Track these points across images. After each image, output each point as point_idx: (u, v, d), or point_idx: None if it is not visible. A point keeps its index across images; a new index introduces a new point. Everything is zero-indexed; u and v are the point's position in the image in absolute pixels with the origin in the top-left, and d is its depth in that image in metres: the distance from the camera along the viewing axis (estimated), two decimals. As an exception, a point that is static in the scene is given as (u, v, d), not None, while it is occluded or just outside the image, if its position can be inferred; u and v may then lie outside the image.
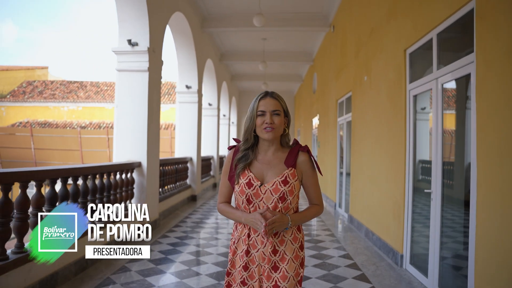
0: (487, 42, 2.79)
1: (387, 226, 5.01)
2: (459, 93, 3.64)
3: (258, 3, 8.65)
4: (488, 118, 2.77)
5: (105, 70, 41.56)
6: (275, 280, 1.85)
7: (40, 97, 31.32)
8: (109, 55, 45.85)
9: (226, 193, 2.01)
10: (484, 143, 2.82)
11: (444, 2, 3.49)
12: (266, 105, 1.87)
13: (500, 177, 2.62)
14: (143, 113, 5.98)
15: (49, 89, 32.46)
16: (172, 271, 4.26)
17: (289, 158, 1.90)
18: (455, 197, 3.56)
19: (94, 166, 4.57)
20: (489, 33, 2.77)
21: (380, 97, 5.42)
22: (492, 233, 2.70)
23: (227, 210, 1.97)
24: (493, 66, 2.71)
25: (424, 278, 3.91)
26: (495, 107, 2.69)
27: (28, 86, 32.80)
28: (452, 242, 3.58)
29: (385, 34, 5.25)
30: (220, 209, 2.02)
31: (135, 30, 5.99)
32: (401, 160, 4.57)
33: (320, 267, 4.47)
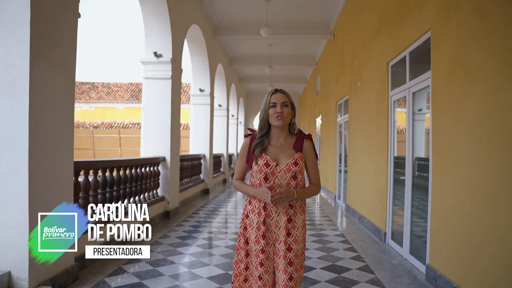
0: (437, 63, 3.72)
1: (374, 209, 5.95)
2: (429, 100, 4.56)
3: (265, 14, 9.60)
4: (437, 121, 3.71)
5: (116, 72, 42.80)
6: (288, 243, 2.20)
7: None
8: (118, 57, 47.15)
9: (241, 172, 2.38)
10: (436, 141, 3.76)
11: (412, 28, 4.43)
12: (276, 98, 2.25)
13: (448, 168, 3.55)
14: (167, 114, 6.97)
15: None
16: (196, 244, 5.24)
17: (296, 144, 2.28)
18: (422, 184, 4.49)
19: (132, 159, 5.58)
20: (439, 56, 3.70)
21: (370, 101, 6.35)
22: (442, 209, 3.64)
23: (241, 185, 2.34)
24: (440, 81, 3.65)
25: (400, 248, 4.85)
26: (441, 113, 3.63)
27: None
28: (418, 218, 4.51)
29: (373, 48, 6.17)
30: (235, 184, 2.38)
31: (160, 44, 6.98)
32: (385, 154, 5.50)
33: (318, 242, 5.42)
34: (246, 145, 2.32)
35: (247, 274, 2.26)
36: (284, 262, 2.17)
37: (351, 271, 4.16)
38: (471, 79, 3.12)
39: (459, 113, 3.31)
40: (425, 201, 4.30)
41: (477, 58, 3.05)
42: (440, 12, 3.70)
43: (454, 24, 3.41)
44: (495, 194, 2.76)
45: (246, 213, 2.30)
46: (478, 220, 2.98)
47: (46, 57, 3.21)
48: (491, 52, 2.86)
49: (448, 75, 3.52)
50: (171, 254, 4.68)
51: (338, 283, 3.77)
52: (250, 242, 2.25)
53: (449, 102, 3.51)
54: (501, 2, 2.74)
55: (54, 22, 3.32)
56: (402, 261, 4.58)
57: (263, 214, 2.20)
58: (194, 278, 3.85)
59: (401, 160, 5.03)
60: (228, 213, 8.08)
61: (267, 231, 2.21)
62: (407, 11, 4.61)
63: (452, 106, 3.44)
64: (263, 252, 2.21)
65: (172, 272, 4.01)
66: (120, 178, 5.15)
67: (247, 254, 2.27)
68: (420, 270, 4.16)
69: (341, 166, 9.36)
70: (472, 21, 3.12)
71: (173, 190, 7.20)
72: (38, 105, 3.11)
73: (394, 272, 4.17)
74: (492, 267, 2.78)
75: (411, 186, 4.59)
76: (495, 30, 2.80)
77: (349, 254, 4.85)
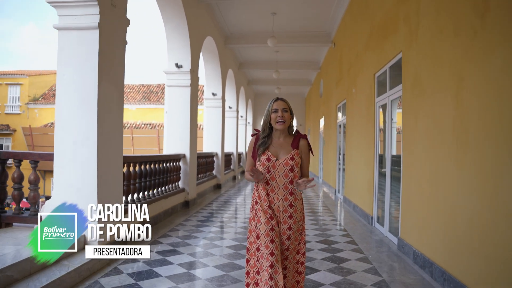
0: (406, 78, 4.76)
1: (364, 198, 6.98)
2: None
3: (271, 25, 10.65)
4: (405, 124, 4.74)
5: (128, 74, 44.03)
6: (289, 224, 2.59)
7: None
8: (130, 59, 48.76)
9: (250, 165, 2.72)
10: (404, 140, 4.79)
11: (391, 48, 5.45)
12: (278, 105, 2.63)
13: (412, 161, 4.59)
14: (186, 117, 8.06)
15: None
16: (214, 225, 6.32)
17: (294, 142, 2.65)
18: (398, 176, 5.51)
19: (160, 155, 6.70)
20: (406, 73, 4.74)
21: (361, 106, 7.38)
22: (409, 195, 4.67)
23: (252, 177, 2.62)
24: (407, 93, 4.69)
25: (382, 228, 5.88)
26: (408, 118, 4.66)
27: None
28: (395, 203, 5.53)
29: (364, 59, 7.20)
30: (247, 175, 2.65)
31: (180, 56, 8.07)
32: (372, 152, 6.52)
33: (315, 225, 6.47)
34: (252, 143, 2.71)
35: (258, 255, 2.58)
36: (283, 237, 2.59)
37: (340, 243, 5.21)
38: (424, 94, 4.15)
39: (417, 118, 4.34)
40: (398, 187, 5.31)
41: (427, 78, 4.08)
42: (406, 39, 4.73)
43: (415, 50, 4.44)
44: (442, 180, 3.78)
45: (255, 200, 2.65)
46: (431, 201, 4.01)
47: (106, 77, 4.31)
48: (435, 75, 3.89)
49: (411, 88, 4.55)
50: (195, 232, 5.77)
51: (328, 251, 4.82)
52: (259, 225, 2.57)
53: (412, 110, 4.54)
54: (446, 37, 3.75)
55: (111, 50, 4.42)
56: (383, 238, 5.61)
57: (267, 200, 2.59)
58: (215, 247, 4.93)
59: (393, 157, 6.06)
60: (238, 204, 9.15)
61: (273, 213, 2.58)
62: (387, 32, 5.63)
63: (414, 113, 4.47)
64: (272, 230, 2.53)
65: (197, 244, 5.10)
66: (151, 171, 6.25)
67: (258, 236, 2.58)
68: (394, 242, 5.20)
69: (340, 164, 10.38)
70: (424, 50, 4.15)
71: (191, 183, 8.29)
72: (102, 112, 4.21)
73: (373, 244, 5.21)
74: (439, 234, 3.81)
75: (390, 178, 5.62)
76: (439, 58, 3.82)
77: (340, 233, 5.89)
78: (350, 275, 3.89)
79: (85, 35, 4.16)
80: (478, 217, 3.00)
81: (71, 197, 4.09)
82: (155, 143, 25.99)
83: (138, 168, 5.83)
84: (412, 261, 4.34)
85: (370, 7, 6.74)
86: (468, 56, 3.18)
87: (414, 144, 4.50)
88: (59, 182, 4.18)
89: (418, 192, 4.35)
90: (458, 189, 3.34)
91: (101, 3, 4.18)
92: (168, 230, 5.84)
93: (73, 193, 4.09)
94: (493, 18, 2.84)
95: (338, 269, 4.06)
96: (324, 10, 9.93)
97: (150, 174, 6.20)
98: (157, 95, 32.08)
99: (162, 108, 30.82)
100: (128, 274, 3.77)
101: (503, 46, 2.71)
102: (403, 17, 4.87)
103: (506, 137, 2.66)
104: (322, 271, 4.00)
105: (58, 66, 4.25)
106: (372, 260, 4.44)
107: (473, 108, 3.12)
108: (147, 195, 6.16)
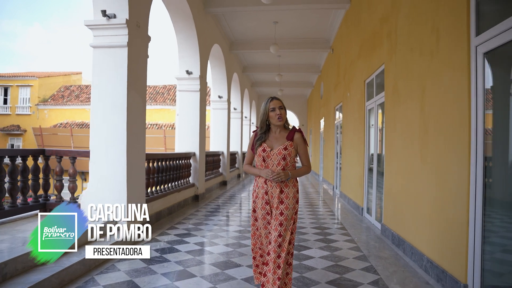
0: (387, 86, 5.55)
1: (356, 191, 7.77)
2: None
3: (273, 32, 11.45)
4: (386, 126, 5.53)
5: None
6: (281, 209, 2.83)
7: (77, 100, 34.45)
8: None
9: (249, 158, 3.07)
10: (386, 140, 5.58)
11: (376, 59, 6.24)
12: (275, 104, 2.89)
13: (391, 157, 5.38)
14: (196, 119, 8.88)
15: (84, 93, 35.43)
16: (221, 215, 7.14)
17: (289, 135, 2.91)
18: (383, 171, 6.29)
19: (174, 153, 7.53)
20: (388, 82, 5.53)
21: (354, 109, 8.16)
22: (390, 187, 5.46)
23: (250, 168, 3.02)
24: (388, 99, 5.48)
25: (370, 217, 6.67)
26: (388, 120, 5.46)
27: (65, 90, 35.90)
28: (381, 194, 6.31)
29: (356, 67, 7.98)
30: (245, 168, 3.07)
31: (190, 63, 8.89)
32: (362, 151, 7.31)
33: (312, 215, 7.26)
34: (252, 139, 3.07)
35: (258, 235, 2.98)
36: (276, 223, 2.82)
37: (331, 229, 6.01)
38: (399, 100, 4.94)
39: (395, 121, 5.14)
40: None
41: (402, 87, 4.87)
42: (388, 53, 5.52)
43: (394, 63, 5.23)
44: (412, 173, 4.56)
45: (254, 189, 2.98)
46: (404, 191, 4.80)
47: (133, 86, 5.14)
48: (408, 85, 4.68)
49: (391, 95, 5.34)
50: (205, 220, 6.59)
51: (320, 234, 5.62)
52: (257, 209, 2.92)
53: (391, 113, 5.33)
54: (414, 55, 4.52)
55: (136, 64, 5.24)
56: (370, 225, 6.40)
57: (265, 187, 2.89)
58: (224, 231, 5.74)
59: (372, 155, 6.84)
60: (243, 199, 9.96)
61: (269, 199, 2.88)
62: (374, 45, 6.42)
63: (393, 116, 5.26)
64: (268, 214, 2.86)
65: (208, 229, 5.92)
66: (167, 167, 7.08)
67: (256, 219, 2.96)
68: (378, 228, 5.99)
69: (337, 163, 11.16)
70: (401, 64, 4.94)
71: (201, 179, 9.12)
72: (130, 116, 5.03)
73: (360, 230, 6.00)
74: (410, 217, 4.58)
75: (376, 173, 6.41)
76: (410, 71, 4.60)
77: (332, 221, 6.69)
78: (337, 251, 4.69)
79: (116, 52, 4.99)
80: (436, 201, 3.79)
81: (104, 187, 4.94)
82: (161, 143, 26.83)
83: (156, 164, 6.66)
84: (391, 241, 5.14)
85: (361, 21, 7.53)
86: (429, 72, 3.97)
87: (393, 143, 5.28)
88: (94, 175, 5.01)
89: (395, 184, 5.14)
90: (423, 180, 4.13)
91: (129, 25, 5.00)
92: (182, 219, 6.65)
93: (106, 184, 4.93)
94: (442, 45, 3.63)
95: (328, 248, 4.86)
96: (323, 19, 10.73)
97: (166, 170, 7.03)
98: (163, 96, 32.94)
99: (168, 109, 31.68)
100: (155, 250, 4.59)
101: (448, 68, 3.50)
102: (386, 34, 5.66)
103: (447, 138, 3.44)
104: (314, 248, 4.80)
105: (92, 77, 5.08)
106: (357, 241, 5.24)
107: (431, 113, 3.91)
108: (164, 188, 6.99)
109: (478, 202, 2.99)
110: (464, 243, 3.13)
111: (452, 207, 3.39)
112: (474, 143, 3.04)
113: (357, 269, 4.00)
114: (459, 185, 3.25)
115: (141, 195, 5.46)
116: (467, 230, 3.11)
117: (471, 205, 3.06)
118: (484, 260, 2.95)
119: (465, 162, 3.13)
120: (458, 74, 3.29)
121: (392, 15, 5.32)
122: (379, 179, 6.30)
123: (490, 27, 2.87)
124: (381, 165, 6.18)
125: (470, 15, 3.13)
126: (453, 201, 3.39)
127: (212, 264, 4.13)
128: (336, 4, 8.96)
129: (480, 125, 3.00)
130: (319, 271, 3.92)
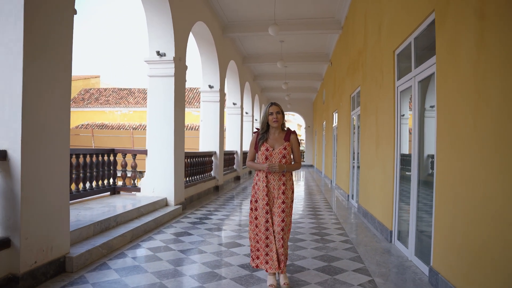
0: (362, 103, 7.53)
1: (344, 181, 9.75)
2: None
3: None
4: (362, 134, 7.54)
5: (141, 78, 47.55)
6: (282, 199, 3.38)
7: (96, 102, 36.29)
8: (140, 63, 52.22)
9: (252, 155, 3.57)
10: (360, 143, 7.58)
11: (356, 80, 8.21)
12: (273, 109, 3.42)
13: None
14: (217, 124, 10.96)
15: (103, 95, 37.12)
16: (237, 200, 9.19)
17: (286, 136, 3.45)
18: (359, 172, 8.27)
19: (201, 152, 9.66)
20: (362, 100, 7.51)
21: (344, 117, 10.14)
22: (363, 175, 7.46)
23: (252, 164, 3.52)
24: (362, 112, 7.48)
25: (355, 203, 8.65)
26: (362, 128, 7.47)
27: (85, 93, 37.71)
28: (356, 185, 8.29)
29: (345, 82, 9.96)
30: (248, 163, 3.54)
31: (211, 79, 10.95)
32: (348, 153, 9.28)
33: (308, 202, 9.26)
34: (254, 138, 3.52)
35: (256, 223, 3.41)
36: (279, 210, 3.34)
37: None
38: (366, 114, 6.93)
39: (365, 129, 7.12)
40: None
41: (368, 105, 6.85)
42: (362, 78, 7.50)
43: (367, 87, 7.22)
44: (372, 164, 6.53)
45: (255, 182, 3.49)
46: (371, 177, 6.77)
47: (178, 104, 7.21)
48: (370, 105, 6.66)
49: (364, 110, 7.32)
50: (224, 205, 8.65)
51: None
52: (258, 200, 3.38)
53: (362, 124, 7.30)
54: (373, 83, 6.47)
55: (179, 87, 7.32)
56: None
57: (265, 180, 3.37)
58: (237, 212, 7.78)
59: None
60: (255, 190, 11.99)
61: (269, 191, 3.37)
62: (355, 69, 8.38)
63: (363, 126, 7.24)
64: (267, 205, 3.34)
65: (226, 210, 7.97)
66: (196, 162, 9.16)
67: (256, 209, 3.41)
68: (355, 206, 7.97)
69: (334, 161, 13.11)
70: (367, 88, 6.92)
71: (220, 173, 11.19)
72: (176, 126, 7.10)
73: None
74: (370, 195, 6.57)
75: (355, 172, 8.40)
76: (371, 95, 6.57)
77: (324, 206, 8.68)
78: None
79: (166, 80, 7.06)
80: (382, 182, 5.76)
81: (157, 176, 7.04)
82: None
83: (189, 160, 8.74)
84: (362, 214, 7.13)
85: (349, 47, 9.51)
86: (379, 98, 5.96)
87: (364, 144, 7.26)
88: (150, 168, 7.10)
89: (364, 173, 7.12)
90: (376, 169, 6.11)
91: (175, 60, 7.07)
92: (206, 203, 8.71)
93: (158, 174, 7.02)
94: (385, 82, 5.62)
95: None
96: (322, 38, 12.70)
97: (196, 165, 9.12)
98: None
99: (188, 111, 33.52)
100: (192, 221, 6.66)
101: (386, 97, 5.49)
102: (361, 64, 7.64)
103: (387, 141, 5.41)
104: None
105: (148, 98, 7.17)
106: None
107: (380, 124, 5.89)
108: (194, 178, 9.08)
109: (397, 180, 4.99)
110: (392, 206, 5.13)
111: (388, 184, 5.38)
112: (397, 144, 5.04)
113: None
114: (391, 170, 5.24)
115: (182, 183, 7.54)
116: (393, 198, 5.11)
117: (395, 182, 5.05)
118: (400, 216, 4.95)
119: (392, 155, 5.13)
120: (390, 101, 5.28)
121: (363, 52, 7.31)
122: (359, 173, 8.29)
123: (402, 77, 4.87)
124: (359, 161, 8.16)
125: (395, 67, 5.12)
126: (388, 180, 5.38)
127: (230, 230, 6.17)
128: (331, 30, 10.87)
129: (398, 133, 5.00)
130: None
